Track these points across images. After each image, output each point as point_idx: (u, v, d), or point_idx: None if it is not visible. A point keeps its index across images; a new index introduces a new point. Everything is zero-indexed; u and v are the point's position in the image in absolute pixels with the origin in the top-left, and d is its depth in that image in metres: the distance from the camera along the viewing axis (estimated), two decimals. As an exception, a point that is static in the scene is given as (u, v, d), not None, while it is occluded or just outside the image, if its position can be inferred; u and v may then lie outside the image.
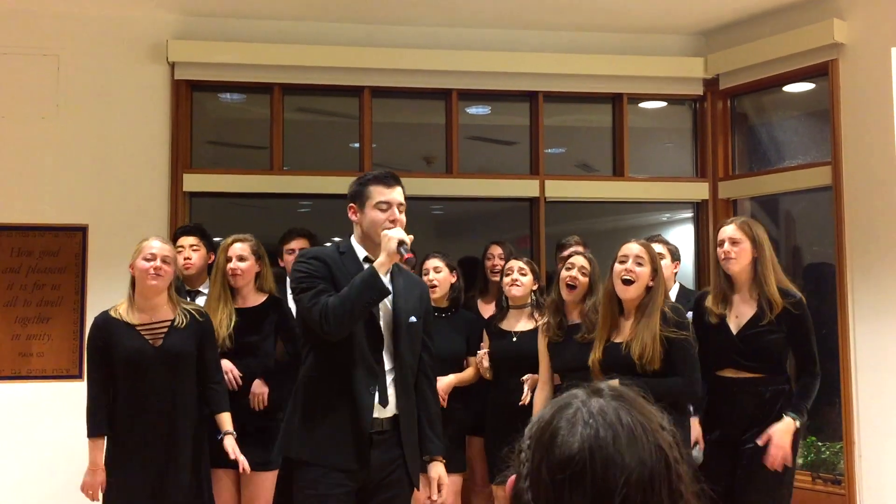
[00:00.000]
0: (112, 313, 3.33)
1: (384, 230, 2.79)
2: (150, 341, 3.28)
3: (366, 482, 2.81)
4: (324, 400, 2.81)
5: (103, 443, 3.27)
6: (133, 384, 3.26)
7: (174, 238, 4.21)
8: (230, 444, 3.33)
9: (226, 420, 3.38)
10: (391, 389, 2.84)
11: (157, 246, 3.32)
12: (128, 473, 3.24)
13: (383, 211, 2.84)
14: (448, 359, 3.99)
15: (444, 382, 3.91)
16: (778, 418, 3.32)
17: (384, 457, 2.82)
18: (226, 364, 3.60)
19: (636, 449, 0.95)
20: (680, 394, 3.24)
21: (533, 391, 3.79)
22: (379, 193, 2.85)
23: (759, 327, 3.37)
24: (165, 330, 3.30)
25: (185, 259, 3.99)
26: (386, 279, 2.76)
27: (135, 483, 3.24)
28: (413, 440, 2.89)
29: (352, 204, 2.92)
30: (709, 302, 3.52)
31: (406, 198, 5.50)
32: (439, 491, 2.93)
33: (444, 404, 3.91)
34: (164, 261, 3.29)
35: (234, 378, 3.63)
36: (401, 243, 2.73)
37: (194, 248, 4.02)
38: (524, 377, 3.81)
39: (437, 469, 2.95)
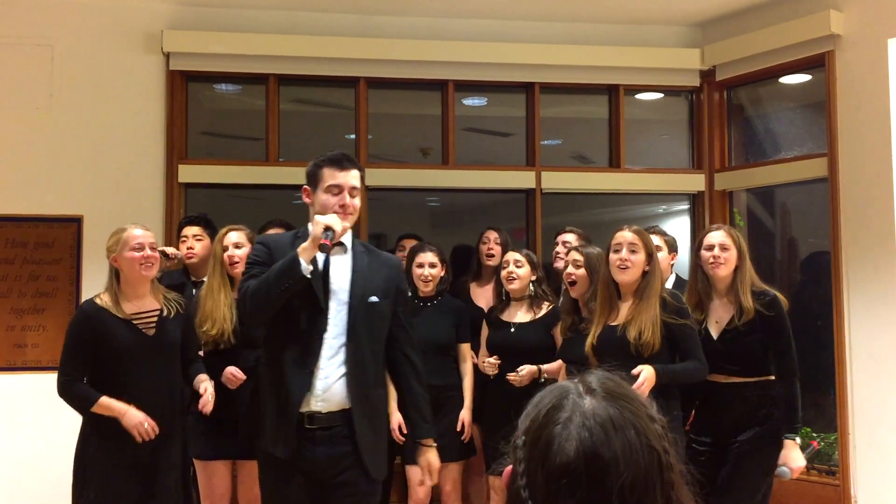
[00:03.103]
0: (99, 302, 3.23)
1: (317, 215, 2.66)
2: (143, 331, 3.22)
3: (319, 478, 2.70)
4: (265, 386, 2.78)
5: (106, 397, 3.13)
6: (127, 376, 3.17)
7: (179, 228, 4.22)
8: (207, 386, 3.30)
9: (202, 378, 3.35)
10: (340, 378, 2.69)
11: (142, 234, 3.26)
12: (118, 469, 3.14)
13: (334, 195, 2.72)
14: (434, 346, 3.99)
15: (466, 419, 4.00)
16: (763, 421, 3.37)
17: (332, 453, 2.68)
18: (230, 369, 3.52)
19: (630, 453, 0.96)
20: (697, 377, 3.30)
21: (541, 379, 3.81)
22: (331, 176, 2.72)
23: (737, 330, 3.39)
24: (156, 319, 3.26)
25: (188, 249, 4.01)
26: (308, 266, 2.60)
27: (125, 480, 3.15)
28: (370, 431, 2.72)
29: (306, 186, 2.81)
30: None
31: (401, 189, 5.49)
32: (430, 476, 2.83)
33: (468, 438, 4.01)
34: (150, 248, 3.26)
35: (235, 377, 3.52)
36: (327, 229, 2.58)
37: (198, 237, 4.03)
38: (522, 367, 3.80)
39: (427, 455, 2.81)
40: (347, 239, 2.81)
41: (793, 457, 3.33)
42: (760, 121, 5.49)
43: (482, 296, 4.41)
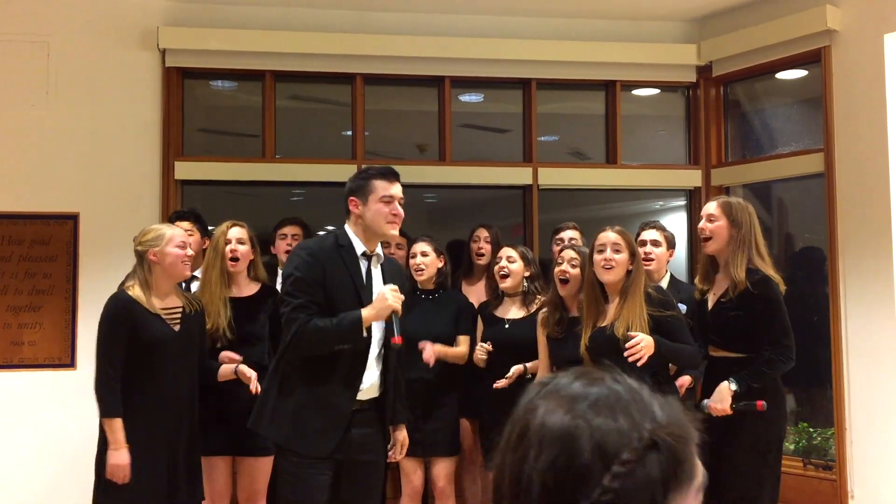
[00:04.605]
0: (131, 293, 3.26)
1: (382, 292, 2.91)
2: (172, 326, 3.29)
3: (344, 459, 2.97)
4: (310, 388, 2.92)
5: (121, 422, 3.17)
6: (154, 369, 3.22)
7: (169, 223, 4.21)
8: (245, 368, 3.41)
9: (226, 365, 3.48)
10: (378, 370, 3.04)
11: (183, 234, 3.39)
12: (144, 459, 3.17)
13: (387, 204, 2.99)
14: (432, 339, 3.95)
15: (437, 349, 3.85)
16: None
17: (363, 432, 3.00)
18: (225, 353, 3.54)
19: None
20: (695, 361, 3.37)
21: (527, 375, 3.80)
22: (382, 188, 2.99)
23: (724, 305, 3.39)
24: (180, 315, 3.32)
25: None
26: (366, 334, 2.96)
27: (150, 472, 3.17)
28: (390, 414, 3.14)
29: (353, 197, 3.03)
30: (697, 279, 3.61)
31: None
32: (402, 452, 3.23)
33: (432, 363, 3.84)
34: (189, 247, 3.38)
35: (232, 359, 3.53)
36: (394, 313, 2.90)
37: (189, 233, 4.02)
38: (512, 369, 3.78)
39: (403, 432, 3.22)
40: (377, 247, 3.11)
41: (719, 395, 3.25)
42: (757, 116, 5.49)
43: (472, 293, 4.41)
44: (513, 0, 5.03)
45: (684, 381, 3.66)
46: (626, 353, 3.07)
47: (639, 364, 3.08)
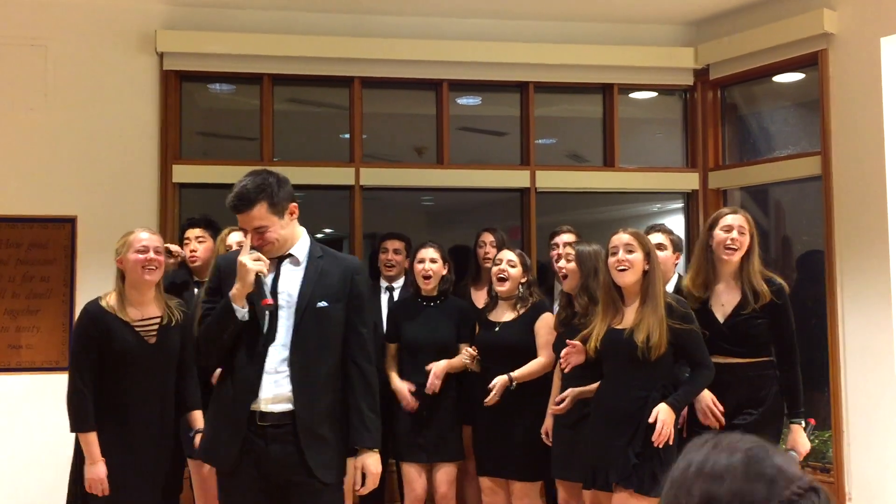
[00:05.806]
0: (104, 304, 3.22)
1: (239, 260, 2.76)
2: (145, 338, 3.21)
3: (274, 479, 2.77)
4: (217, 396, 2.88)
5: (95, 436, 3.17)
6: (124, 381, 3.17)
7: (181, 230, 4.21)
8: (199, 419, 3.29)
9: (198, 417, 3.30)
10: (285, 380, 2.76)
11: (147, 237, 3.23)
12: (115, 470, 3.16)
13: (245, 236, 2.89)
14: (436, 346, 4.00)
15: (438, 367, 3.94)
16: (765, 401, 3.42)
17: (283, 451, 2.75)
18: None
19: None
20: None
21: (511, 386, 3.80)
22: (238, 221, 2.90)
23: (746, 315, 3.43)
24: (156, 327, 3.24)
25: (190, 251, 4.00)
26: (243, 311, 2.74)
27: (122, 480, 3.17)
28: (317, 433, 2.77)
29: None
30: (687, 286, 3.56)
31: (395, 188, 5.49)
32: (363, 483, 2.82)
33: (437, 390, 3.91)
34: (156, 252, 3.21)
35: None
36: (258, 277, 2.72)
37: (200, 239, 4.02)
38: (493, 382, 3.78)
39: (362, 458, 2.82)
40: (304, 248, 2.89)
41: (800, 441, 3.40)
42: (754, 119, 5.50)
43: (481, 298, 4.40)
44: (510, 3, 5.04)
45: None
46: (653, 440, 3.10)
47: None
